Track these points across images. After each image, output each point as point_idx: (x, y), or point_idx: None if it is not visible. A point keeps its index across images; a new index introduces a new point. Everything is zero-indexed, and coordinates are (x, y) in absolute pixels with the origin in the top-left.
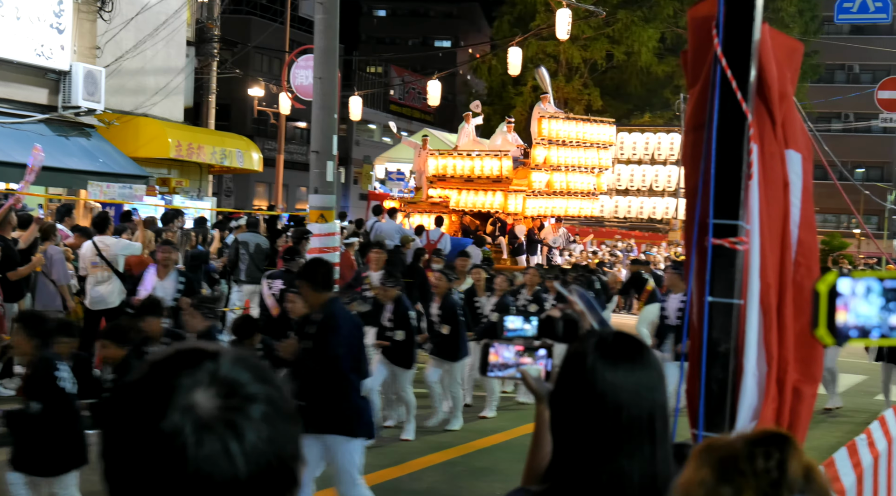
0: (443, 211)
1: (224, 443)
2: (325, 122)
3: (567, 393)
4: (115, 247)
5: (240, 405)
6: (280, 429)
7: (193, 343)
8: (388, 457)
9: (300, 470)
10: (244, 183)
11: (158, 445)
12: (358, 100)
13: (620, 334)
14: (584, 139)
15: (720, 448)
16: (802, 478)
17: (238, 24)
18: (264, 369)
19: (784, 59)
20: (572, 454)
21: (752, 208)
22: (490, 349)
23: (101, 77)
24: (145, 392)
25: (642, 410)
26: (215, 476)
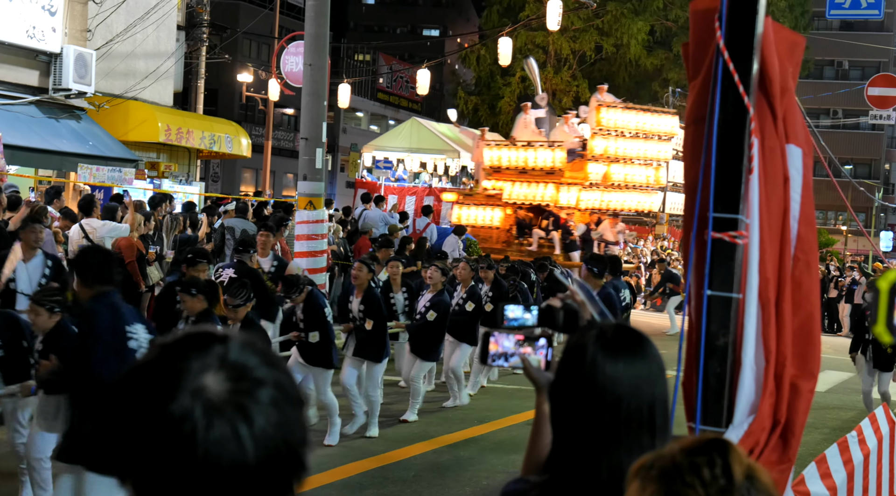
0: (496, 204)
1: (234, 426)
2: (314, 109)
3: (567, 385)
4: (102, 229)
5: (249, 389)
6: (288, 414)
7: (203, 327)
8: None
9: (308, 455)
10: (231, 168)
11: (168, 428)
12: (347, 87)
13: (621, 326)
14: (644, 130)
15: (659, 463)
16: (746, 479)
17: (227, 9)
18: (272, 354)
19: (786, 53)
20: (572, 446)
21: (751, 202)
22: (490, 338)
23: (91, 60)
24: (155, 375)
25: (642, 403)
26: (224, 459)
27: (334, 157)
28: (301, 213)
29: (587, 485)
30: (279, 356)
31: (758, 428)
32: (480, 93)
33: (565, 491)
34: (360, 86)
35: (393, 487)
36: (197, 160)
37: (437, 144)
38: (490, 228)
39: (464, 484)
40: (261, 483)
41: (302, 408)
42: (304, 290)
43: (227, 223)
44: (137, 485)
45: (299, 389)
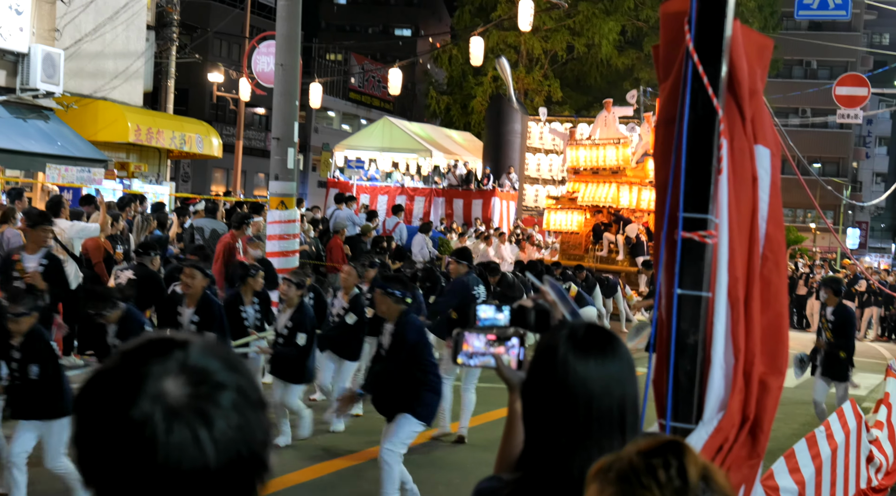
0: (576, 207)
1: (193, 430)
2: (286, 109)
3: (538, 384)
4: (71, 230)
5: (209, 393)
6: (249, 418)
7: (164, 333)
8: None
9: (270, 457)
10: (202, 168)
11: (128, 433)
12: (318, 87)
13: (592, 326)
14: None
15: (617, 466)
16: (702, 480)
17: (198, 8)
18: (234, 358)
19: (754, 55)
20: (543, 444)
21: (721, 202)
22: (462, 338)
23: (59, 60)
24: (116, 380)
25: (613, 402)
26: (185, 463)
27: (306, 156)
28: (273, 213)
29: (559, 484)
30: (241, 360)
31: (727, 424)
32: (453, 92)
33: (537, 489)
34: (332, 85)
35: (366, 486)
36: (167, 160)
37: (409, 144)
38: (573, 234)
39: (437, 481)
40: (222, 486)
41: (263, 411)
42: (117, 307)
43: (196, 223)
44: (100, 490)
45: (261, 392)
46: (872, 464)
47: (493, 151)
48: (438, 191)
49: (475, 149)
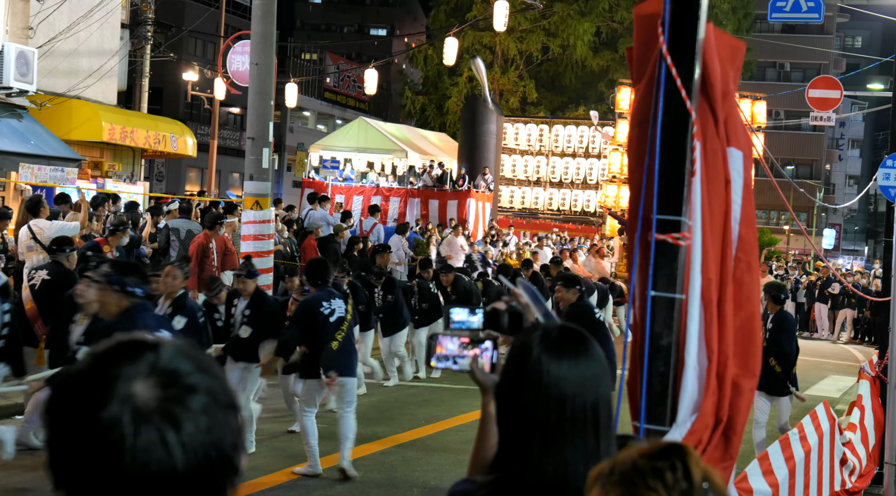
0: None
1: (161, 433)
2: (261, 109)
3: (512, 385)
4: (50, 230)
5: (179, 395)
6: (220, 420)
7: (135, 335)
8: None
9: (241, 460)
10: (176, 168)
11: (97, 435)
12: (293, 86)
13: (565, 327)
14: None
15: (620, 469)
16: (703, 481)
17: (173, 7)
18: (206, 360)
19: (727, 58)
20: (518, 445)
21: (694, 204)
22: (436, 341)
23: (33, 58)
24: (86, 382)
25: (587, 402)
26: (153, 466)
27: (281, 156)
28: (248, 213)
29: (533, 485)
30: (213, 361)
31: (700, 426)
32: (428, 92)
33: (511, 490)
34: (308, 85)
35: (340, 488)
36: (141, 159)
37: (384, 144)
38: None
39: (411, 484)
40: (191, 489)
41: (235, 413)
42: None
43: (172, 224)
44: (70, 491)
45: (232, 395)
46: (846, 467)
47: (468, 152)
48: (414, 191)
49: (450, 149)
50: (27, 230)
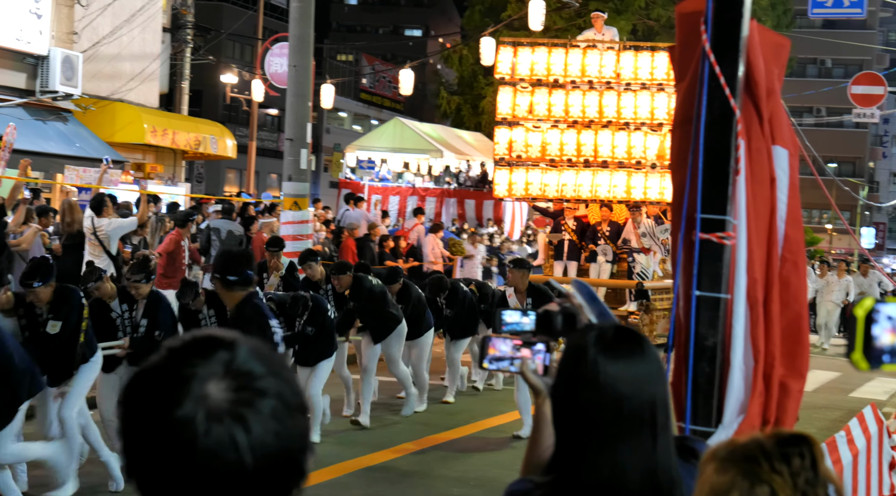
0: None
1: (231, 435)
2: (299, 110)
3: (568, 386)
4: (108, 227)
5: (250, 399)
6: (288, 424)
7: (210, 330)
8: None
9: (307, 462)
10: (215, 169)
11: (170, 433)
12: (330, 88)
13: (620, 328)
14: None
15: (744, 449)
16: (829, 484)
17: (211, 10)
18: (279, 362)
19: (771, 55)
20: (574, 446)
21: (739, 204)
22: (488, 343)
23: (78, 62)
24: (162, 379)
25: (643, 402)
26: (222, 466)
27: (318, 157)
28: (286, 214)
29: (589, 486)
30: (285, 364)
31: (747, 427)
32: (463, 93)
33: (568, 491)
34: (344, 86)
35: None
36: (182, 161)
37: (420, 144)
38: None
39: (450, 484)
40: (258, 489)
41: (303, 417)
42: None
43: (213, 224)
44: (140, 483)
45: (302, 398)
46: (895, 471)
47: None
48: (450, 191)
49: (486, 149)
50: (90, 227)
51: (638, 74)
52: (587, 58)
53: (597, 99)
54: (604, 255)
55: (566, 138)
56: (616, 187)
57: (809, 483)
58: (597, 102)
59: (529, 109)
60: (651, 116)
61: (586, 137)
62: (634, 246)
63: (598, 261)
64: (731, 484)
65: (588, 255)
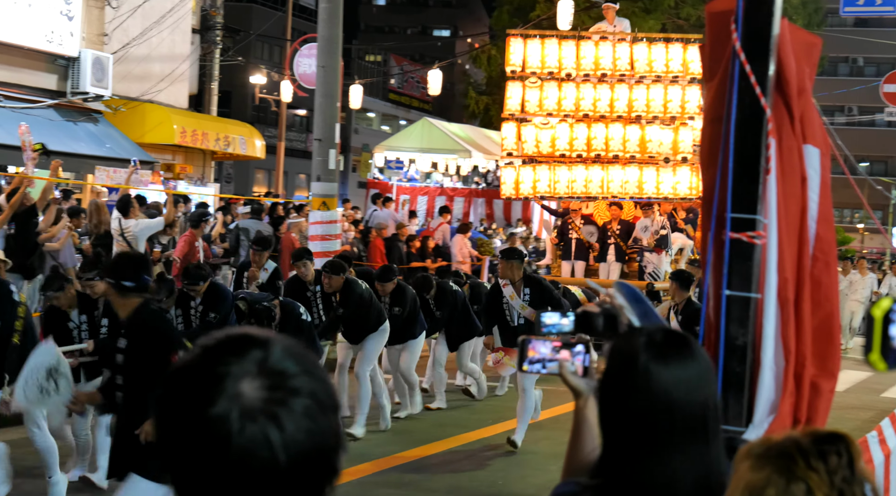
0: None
1: (265, 433)
2: (327, 111)
3: (618, 392)
4: (135, 228)
5: (283, 399)
6: (321, 423)
7: (246, 329)
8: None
9: (340, 461)
10: (244, 169)
11: (204, 430)
12: (358, 88)
13: (669, 331)
14: None
15: (780, 447)
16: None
17: (240, 12)
18: (312, 361)
19: (802, 54)
20: (624, 452)
21: (769, 203)
22: (527, 344)
23: (108, 63)
24: (196, 377)
25: (695, 408)
26: (256, 463)
27: (346, 157)
28: (315, 214)
29: (640, 492)
30: (318, 362)
31: (778, 427)
32: (491, 93)
33: None
34: (372, 87)
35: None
36: (211, 161)
37: (448, 144)
38: None
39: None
40: (291, 486)
41: (336, 416)
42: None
43: (242, 224)
44: (175, 478)
45: (335, 397)
46: None
47: None
48: (478, 191)
49: None
50: (117, 228)
51: (653, 67)
52: (600, 50)
53: (608, 92)
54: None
55: (576, 133)
56: (628, 183)
57: (846, 481)
58: (608, 96)
59: (539, 105)
60: (664, 110)
61: (597, 131)
62: (645, 245)
63: (608, 260)
64: (767, 481)
65: (597, 255)
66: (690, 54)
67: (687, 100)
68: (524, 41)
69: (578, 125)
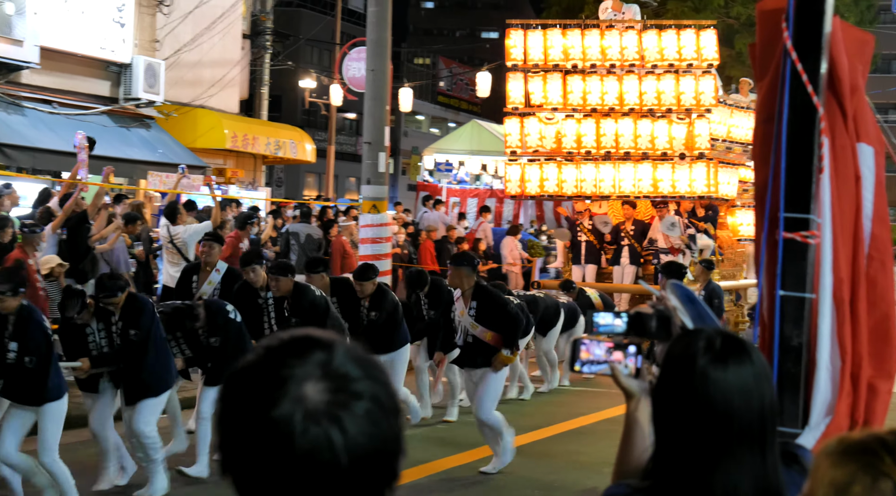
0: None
1: (328, 435)
2: (377, 114)
3: (674, 396)
4: (184, 234)
5: (346, 402)
6: (382, 427)
7: (309, 331)
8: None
9: (400, 464)
10: (295, 173)
11: (268, 431)
12: (408, 91)
13: (727, 335)
14: None
15: (861, 444)
16: None
17: (290, 16)
18: (374, 365)
19: (855, 51)
20: (678, 456)
21: (823, 202)
22: (581, 345)
23: (160, 70)
24: (260, 379)
25: (753, 413)
26: (318, 463)
27: (396, 160)
28: (365, 217)
29: None
30: (381, 366)
31: (835, 429)
32: None
33: None
34: (421, 89)
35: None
36: (262, 165)
37: (497, 146)
38: None
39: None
40: (352, 488)
41: (396, 420)
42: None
43: (292, 228)
44: (237, 480)
45: (395, 401)
46: None
47: None
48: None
49: None
50: (166, 235)
51: (664, 55)
52: (606, 39)
53: (616, 85)
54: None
55: (584, 128)
56: (641, 181)
57: None
58: (616, 88)
59: (543, 97)
60: (677, 102)
61: (606, 127)
62: (662, 246)
63: (622, 263)
64: (853, 477)
65: (610, 258)
66: (704, 40)
67: (701, 91)
68: (524, 32)
69: (586, 121)
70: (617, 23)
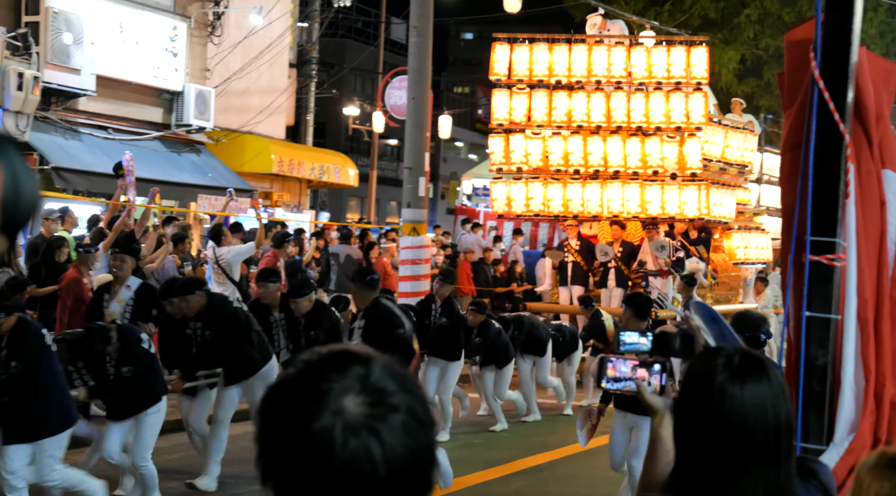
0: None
1: (367, 447)
2: (417, 140)
3: (693, 412)
4: (228, 255)
5: (384, 414)
6: (418, 439)
7: (347, 345)
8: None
9: (434, 475)
10: (338, 197)
11: (308, 442)
12: (447, 118)
13: (746, 352)
14: None
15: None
16: None
17: (335, 46)
18: (410, 379)
19: (880, 81)
20: (697, 471)
21: (849, 226)
22: (607, 363)
23: (210, 97)
24: (300, 392)
25: (768, 429)
26: (358, 475)
27: (435, 185)
28: (405, 239)
29: None
30: (415, 380)
31: (859, 446)
32: None
33: None
34: (460, 117)
35: None
36: (307, 189)
37: None
38: None
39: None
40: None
41: (431, 433)
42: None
43: (332, 249)
44: (277, 489)
45: (430, 414)
46: None
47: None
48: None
49: None
50: (212, 256)
51: (652, 72)
52: (594, 55)
53: (603, 101)
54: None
55: (571, 146)
56: (629, 201)
57: None
58: (603, 105)
59: (528, 114)
60: (667, 119)
61: (593, 145)
62: (651, 268)
63: (609, 285)
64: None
65: (598, 280)
66: (695, 57)
67: (691, 109)
68: (510, 47)
69: (573, 138)
70: (606, 37)
